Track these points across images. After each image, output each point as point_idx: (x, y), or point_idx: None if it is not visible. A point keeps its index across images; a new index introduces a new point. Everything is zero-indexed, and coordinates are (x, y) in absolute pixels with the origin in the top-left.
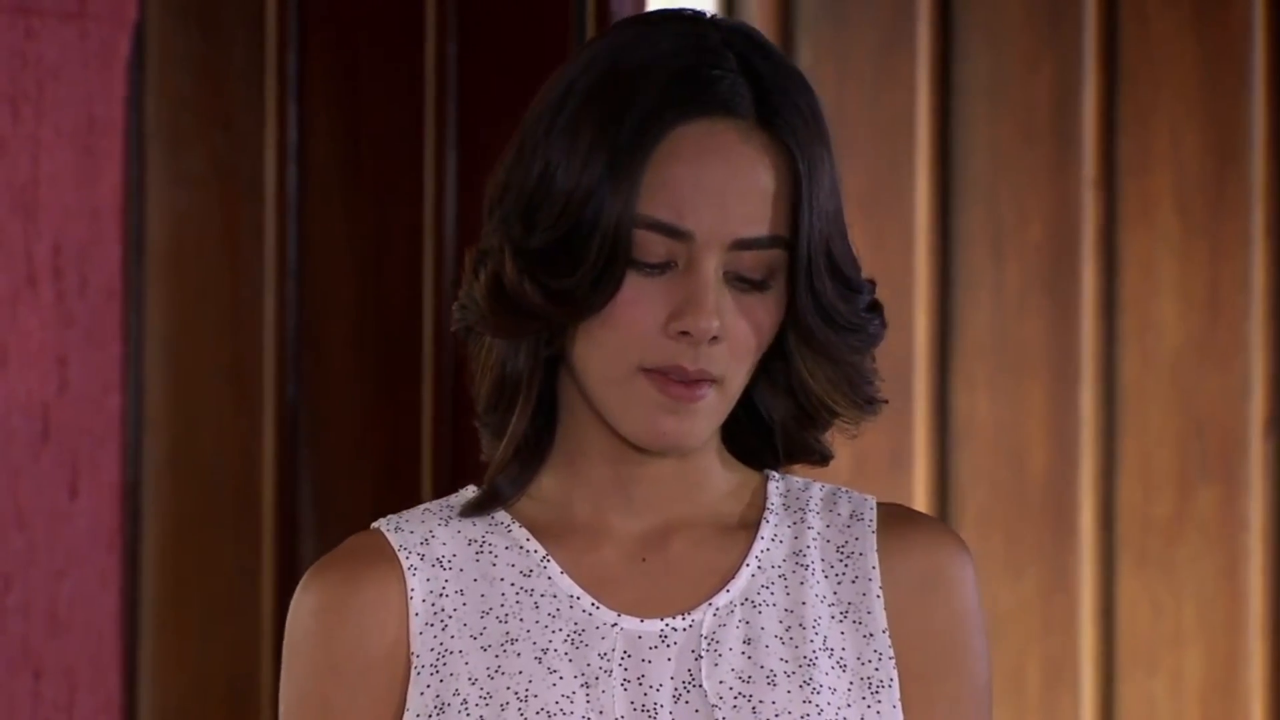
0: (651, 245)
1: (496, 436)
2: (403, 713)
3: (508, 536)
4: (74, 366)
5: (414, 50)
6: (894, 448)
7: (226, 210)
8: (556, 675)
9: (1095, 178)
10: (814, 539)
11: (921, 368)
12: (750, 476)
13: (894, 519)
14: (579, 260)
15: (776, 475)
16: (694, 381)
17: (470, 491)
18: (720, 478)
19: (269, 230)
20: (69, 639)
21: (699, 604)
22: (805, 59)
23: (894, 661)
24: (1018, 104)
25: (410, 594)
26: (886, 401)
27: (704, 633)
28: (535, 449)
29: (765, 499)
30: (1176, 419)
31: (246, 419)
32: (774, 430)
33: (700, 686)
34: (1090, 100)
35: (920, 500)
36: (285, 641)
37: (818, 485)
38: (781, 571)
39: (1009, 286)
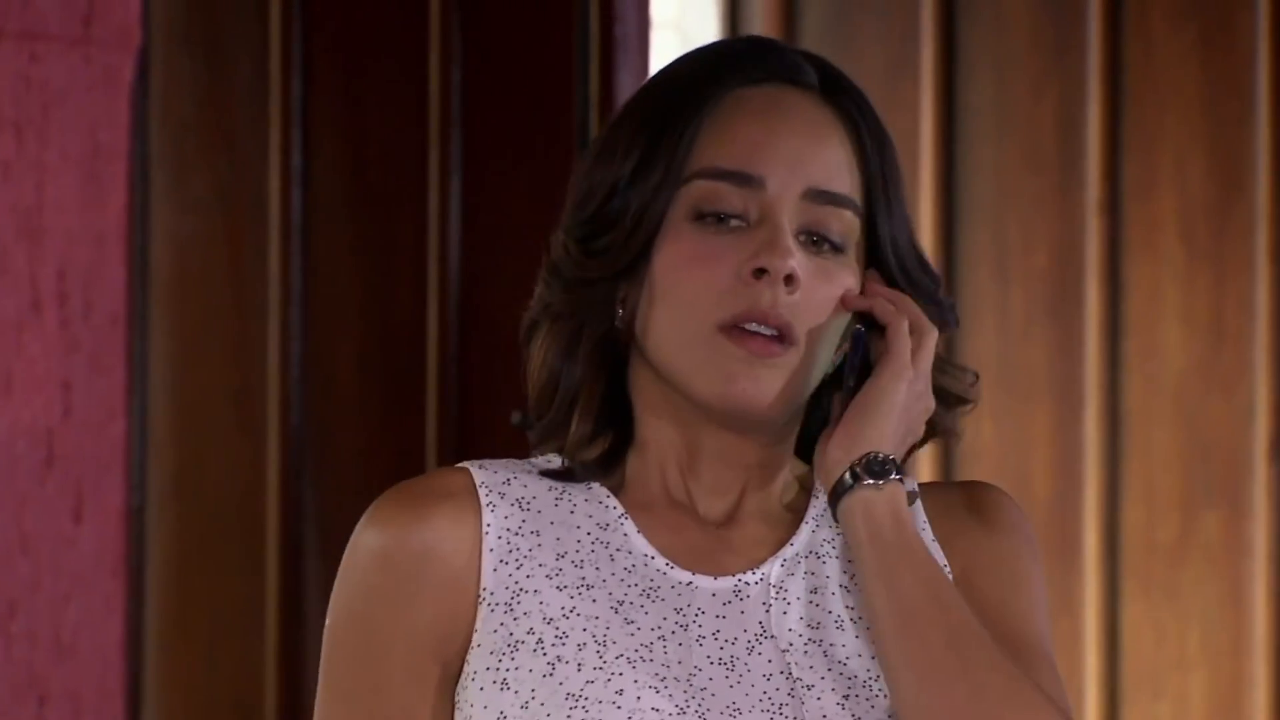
0: (722, 197)
1: (550, 437)
2: (454, 644)
3: (588, 491)
4: (78, 392)
5: (418, 74)
6: None
7: (231, 235)
8: (634, 625)
9: (1100, 203)
10: None
11: None
12: (806, 468)
13: (935, 485)
14: (618, 219)
15: None
16: (772, 338)
17: (554, 457)
18: (789, 466)
19: (273, 255)
20: (74, 664)
21: (768, 560)
22: None
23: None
24: (1022, 129)
25: (485, 529)
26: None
27: (773, 582)
28: (609, 453)
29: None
30: (1181, 443)
31: (251, 443)
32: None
33: (772, 636)
34: (1095, 125)
35: None
36: (346, 553)
37: None
38: (840, 529)
39: (1014, 311)
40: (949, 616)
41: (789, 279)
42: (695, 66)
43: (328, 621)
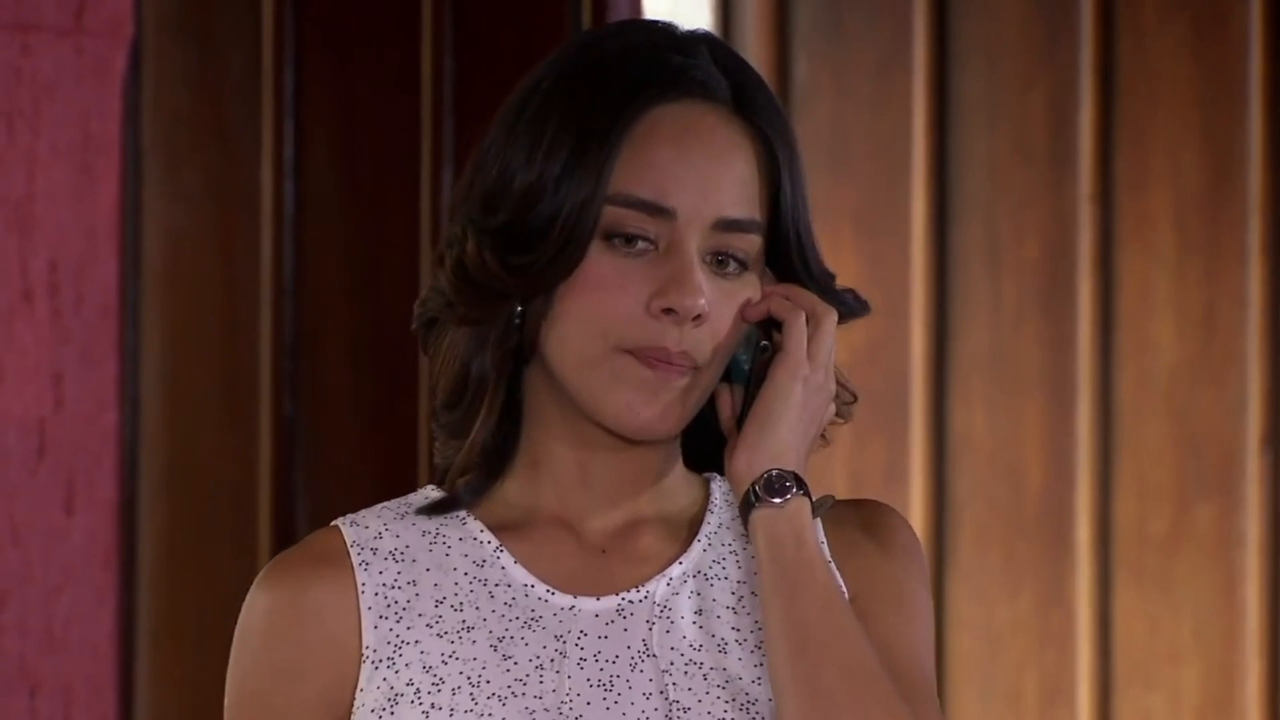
0: (633, 224)
1: (453, 436)
2: (344, 708)
3: (461, 529)
4: (70, 383)
5: (410, 66)
6: (891, 464)
7: (223, 226)
8: (511, 661)
9: (1092, 195)
10: None
11: (918, 384)
12: (695, 478)
13: (827, 496)
14: (541, 236)
15: (717, 476)
16: (675, 365)
17: (430, 491)
18: (677, 477)
19: (265, 246)
20: (65, 656)
21: (654, 577)
22: (802, 76)
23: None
24: (1014, 121)
25: (361, 589)
26: (856, 399)
27: (657, 600)
28: (498, 457)
29: (709, 495)
30: (1173, 435)
31: (243, 434)
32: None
33: (654, 655)
34: (1087, 118)
35: (917, 516)
36: (236, 631)
37: None
38: (733, 549)
39: (1006, 303)
40: (844, 643)
41: (697, 318)
42: (617, 71)
43: (226, 700)
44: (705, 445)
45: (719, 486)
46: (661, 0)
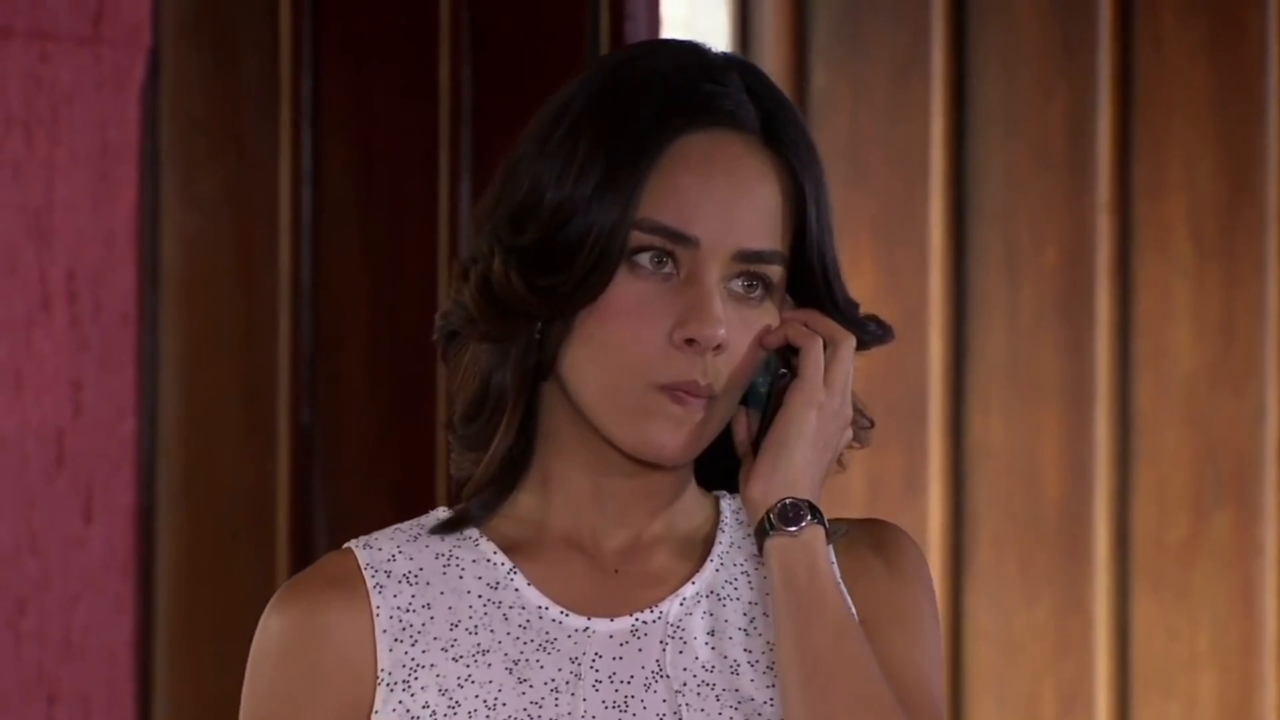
0: (656, 248)
1: (470, 449)
2: None
3: (475, 550)
4: (88, 391)
5: (428, 74)
6: (909, 472)
7: (241, 234)
8: (527, 684)
9: (1109, 203)
10: None
11: (936, 392)
12: (705, 496)
13: (841, 521)
14: (569, 259)
15: (727, 495)
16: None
17: (441, 513)
18: (689, 496)
19: (283, 254)
20: (83, 664)
21: (667, 598)
22: (820, 84)
23: None
24: (1032, 129)
25: (376, 612)
26: (873, 424)
27: (671, 620)
28: (511, 471)
29: (720, 514)
30: (1191, 443)
31: (261, 442)
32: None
33: (667, 676)
34: (1104, 125)
35: (934, 524)
36: (250, 655)
37: None
38: (745, 569)
39: (1023, 311)
40: (854, 672)
41: (717, 347)
42: (648, 96)
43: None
44: (716, 464)
45: (729, 505)
46: (679, 8)
